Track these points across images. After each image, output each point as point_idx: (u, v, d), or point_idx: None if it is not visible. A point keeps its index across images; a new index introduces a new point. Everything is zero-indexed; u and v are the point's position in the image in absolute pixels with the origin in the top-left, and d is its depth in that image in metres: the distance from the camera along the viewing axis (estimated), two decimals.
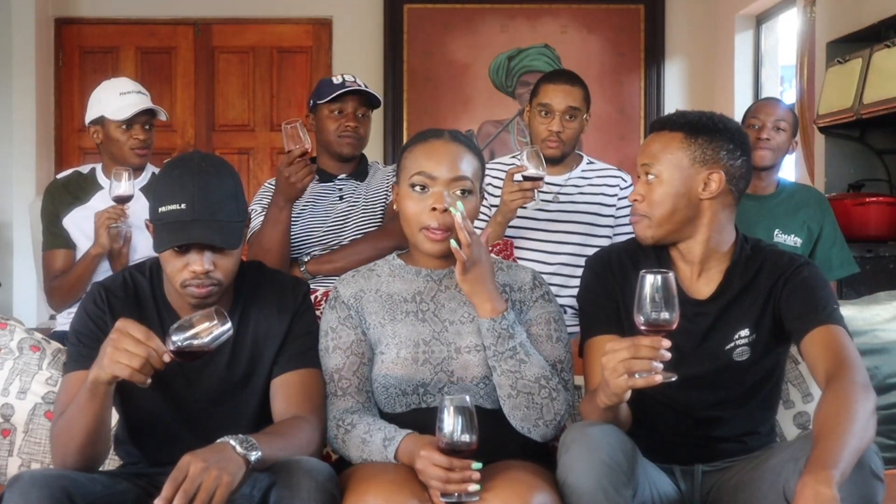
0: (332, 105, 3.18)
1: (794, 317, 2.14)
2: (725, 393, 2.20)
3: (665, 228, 2.19)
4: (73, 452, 1.98)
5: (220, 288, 2.09)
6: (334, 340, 2.21)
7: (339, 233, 3.16)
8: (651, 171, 2.18)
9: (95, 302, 2.15)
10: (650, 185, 2.19)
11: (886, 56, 4.15)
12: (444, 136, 2.24)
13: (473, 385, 2.17)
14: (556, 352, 2.21)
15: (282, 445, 1.97)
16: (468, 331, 2.20)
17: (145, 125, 3.29)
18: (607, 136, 6.40)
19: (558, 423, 2.15)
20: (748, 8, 5.99)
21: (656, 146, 2.19)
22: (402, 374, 2.17)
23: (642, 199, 2.19)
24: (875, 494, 1.88)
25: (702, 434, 2.22)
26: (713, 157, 2.16)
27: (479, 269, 2.11)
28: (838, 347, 2.05)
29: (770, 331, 2.20)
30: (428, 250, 2.20)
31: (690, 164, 2.16)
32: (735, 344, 2.19)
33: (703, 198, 2.17)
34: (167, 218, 2.03)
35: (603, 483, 1.89)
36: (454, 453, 1.91)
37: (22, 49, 5.99)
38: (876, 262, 4.11)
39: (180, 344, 1.86)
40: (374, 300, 2.24)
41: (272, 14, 6.40)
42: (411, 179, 2.19)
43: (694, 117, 2.21)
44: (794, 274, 2.18)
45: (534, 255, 3.16)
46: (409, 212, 2.19)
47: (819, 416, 1.91)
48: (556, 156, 3.17)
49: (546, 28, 6.42)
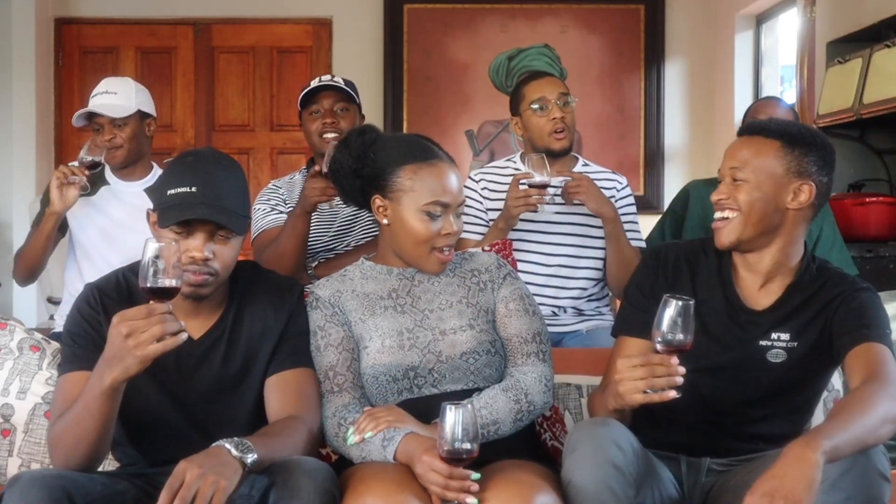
0: (310, 107, 3.20)
1: (842, 332, 2.13)
2: (750, 391, 2.20)
3: (749, 232, 2.18)
4: (80, 454, 1.98)
5: (215, 279, 2.09)
6: (325, 338, 2.23)
7: (345, 237, 3.16)
8: (740, 174, 2.17)
9: (89, 303, 2.16)
10: (739, 187, 2.17)
11: (886, 56, 4.15)
12: (444, 160, 2.26)
13: (463, 361, 2.19)
14: (535, 324, 2.27)
15: (277, 446, 1.97)
16: (449, 314, 2.25)
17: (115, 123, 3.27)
18: (607, 136, 6.40)
19: (545, 403, 2.21)
20: (748, 8, 5.99)
21: (749, 151, 2.18)
22: (390, 360, 2.19)
23: (728, 198, 2.18)
24: (882, 494, 1.88)
25: (719, 426, 2.21)
26: (807, 170, 2.17)
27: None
28: (879, 361, 2.04)
29: (813, 343, 2.19)
30: (433, 270, 2.26)
31: (784, 172, 2.17)
32: (772, 344, 2.19)
33: (790, 207, 2.18)
34: (175, 199, 2.06)
35: (609, 484, 1.90)
36: (455, 461, 1.91)
37: (22, 49, 5.99)
38: (876, 262, 4.11)
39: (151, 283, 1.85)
40: (352, 299, 2.27)
41: (272, 14, 6.40)
42: (426, 207, 2.20)
43: (793, 128, 2.22)
44: (851, 296, 2.18)
45: (531, 256, 3.16)
46: (422, 233, 2.22)
47: (836, 405, 1.93)
48: (567, 146, 3.16)
49: (546, 28, 6.42)
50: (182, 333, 1.85)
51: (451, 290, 2.29)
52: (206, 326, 2.17)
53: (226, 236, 2.09)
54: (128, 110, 3.28)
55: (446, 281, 2.30)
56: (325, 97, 3.19)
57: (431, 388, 2.19)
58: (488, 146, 6.40)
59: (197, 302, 2.13)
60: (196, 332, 2.15)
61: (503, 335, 2.27)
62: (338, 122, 3.18)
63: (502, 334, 2.27)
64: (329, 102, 3.19)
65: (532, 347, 2.25)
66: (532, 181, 2.90)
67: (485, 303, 2.29)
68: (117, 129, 3.27)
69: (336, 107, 3.20)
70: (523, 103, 3.21)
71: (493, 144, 6.41)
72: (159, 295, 1.86)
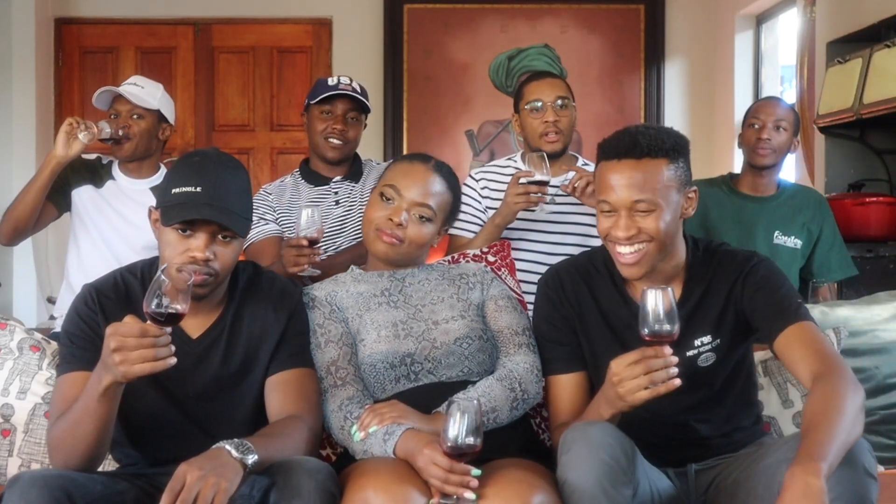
0: (323, 105, 3.19)
1: (762, 318, 2.14)
2: (698, 397, 2.21)
3: (661, 254, 2.15)
4: (79, 454, 1.98)
5: (214, 279, 2.10)
6: (324, 335, 2.27)
7: (337, 237, 3.15)
8: (644, 204, 2.10)
9: (87, 303, 2.16)
10: (647, 216, 2.11)
11: (886, 56, 4.15)
12: (429, 163, 2.43)
13: (458, 346, 2.26)
14: (522, 319, 2.38)
15: (278, 446, 1.98)
16: (441, 308, 2.34)
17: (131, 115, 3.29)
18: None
19: (537, 392, 2.25)
20: (748, 8, 5.99)
21: (644, 176, 2.10)
22: (387, 348, 2.25)
23: (638, 232, 2.10)
24: (868, 493, 1.88)
25: (685, 437, 2.23)
26: (689, 174, 2.17)
27: None
28: (817, 345, 2.06)
29: (732, 332, 2.20)
30: (378, 250, 2.38)
31: (679, 185, 2.14)
32: (698, 351, 2.19)
33: (685, 216, 2.18)
34: (179, 198, 2.07)
35: (603, 482, 1.90)
36: (457, 455, 1.93)
37: (22, 49, 5.99)
38: (876, 262, 4.11)
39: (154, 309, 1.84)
40: (346, 297, 2.36)
41: (272, 14, 6.40)
42: (382, 189, 2.39)
43: (663, 137, 2.15)
44: (751, 273, 2.18)
45: (531, 255, 3.15)
46: (370, 214, 2.39)
47: (808, 410, 1.92)
48: (558, 149, 3.16)
49: (546, 28, 6.42)
50: (171, 359, 1.85)
51: (442, 287, 2.40)
52: (205, 325, 2.18)
53: (227, 238, 2.10)
54: (149, 104, 3.32)
55: (436, 281, 2.40)
56: (342, 102, 3.19)
57: (429, 376, 2.23)
58: (488, 146, 6.40)
59: (196, 301, 2.13)
60: (195, 331, 2.16)
61: (494, 328, 2.35)
62: (347, 130, 3.20)
63: (493, 327, 2.36)
64: (343, 108, 3.20)
65: (523, 339, 2.32)
66: (532, 179, 2.91)
67: (474, 299, 2.40)
68: (132, 120, 3.30)
69: (349, 114, 3.20)
70: (522, 102, 3.22)
71: (493, 144, 6.41)
72: (160, 320, 1.85)
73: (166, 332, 1.85)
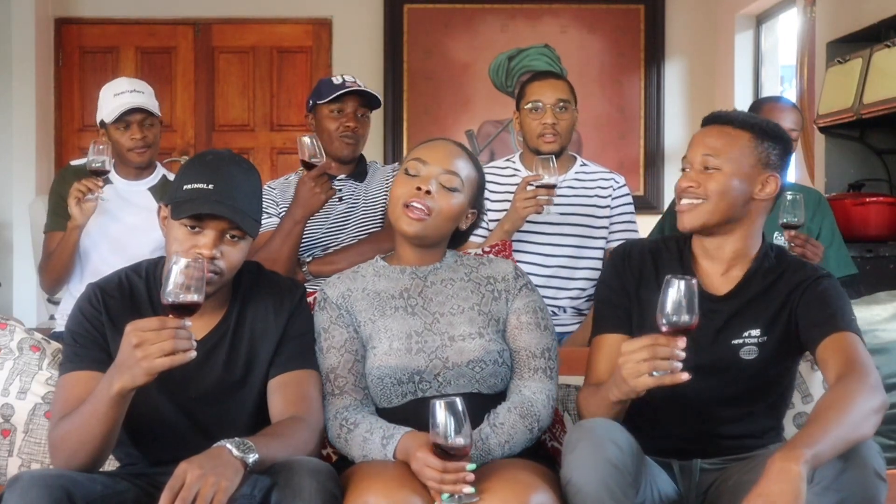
0: (332, 105, 3.18)
1: (810, 325, 2.15)
2: (729, 389, 2.20)
3: (717, 218, 2.20)
4: (83, 455, 1.97)
5: (220, 279, 2.09)
6: (327, 341, 2.23)
7: (338, 234, 3.15)
8: (713, 162, 2.18)
9: (91, 302, 2.15)
10: (711, 176, 2.19)
11: (886, 56, 4.15)
12: (451, 141, 2.36)
13: (469, 369, 2.19)
14: (545, 339, 2.26)
15: (279, 447, 1.97)
16: (460, 321, 2.24)
17: (144, 123, 3.30)
18: (607, 135, 6.40)
19: (550, 419, 2.22)
20: (748, 8, 5.99)
21: (719, 141, 2.20)
22: (397, 363, 2.18)
23: (698, 186, 2.19)
24: (877, 494, 1.88)
25: (703, 428, 2.22)
26: (774, 162, 2.21)
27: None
28: (851, 352, 2.06)
29: (781, 336, 2.20)
30: (404, 230, 2.24)
31: (755, 163, 2.19)
32: (744, 341, 2.20)
33: (756, 198, 2.20)
34: (191, 194, 2.06)
35: (608, 483, 1.90)
36: (448, 456, 1.92)
37: (22, 49, 5.99)
38: (876, 262, 4.11)
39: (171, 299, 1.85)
40: (362, 298, 2.27)
41: (272, 14, 6.41)
42: (407, 165, 2.28)
43: (761, 121, 2.25)
44: (813, 284, 2.20)
45: (531, 257, 3.15)
46: (396, 191, 2.26)
47: (815, 407, 1.93)
48: (555, 150, 3.16)
49: (546, 28, 6.42)
50: (192, 351, 1.85)
51: (465, 294, 2.28)
52: (209, 327, 2.17)
53: (236, 238, 2.09)
54: (156, 109, 3.35)
55: (460, 284, 2.29)
56: (351, 100, 3.19)
57: (436, 392, 2.18)
58: (488, 146, 6.40)
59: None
60: (198, 332, 2.14)
61: (512, 346, 2.26)
62: (359, 128, 3.20)
63: (511, 345, 2.26)
64: (353, 106, 3.19)
65: (540, 363, 2.24)
66: (541, 182, 2.91)
67: (497, 312, 2.27)
68: (146, 129, 3.30)
69: (359, 112, 3.21)
70: (523, 101, 3.23)
71: (493, 144, 6.41)
72: (178, 310, 1.85)
73: (185, 323, 1.85)
